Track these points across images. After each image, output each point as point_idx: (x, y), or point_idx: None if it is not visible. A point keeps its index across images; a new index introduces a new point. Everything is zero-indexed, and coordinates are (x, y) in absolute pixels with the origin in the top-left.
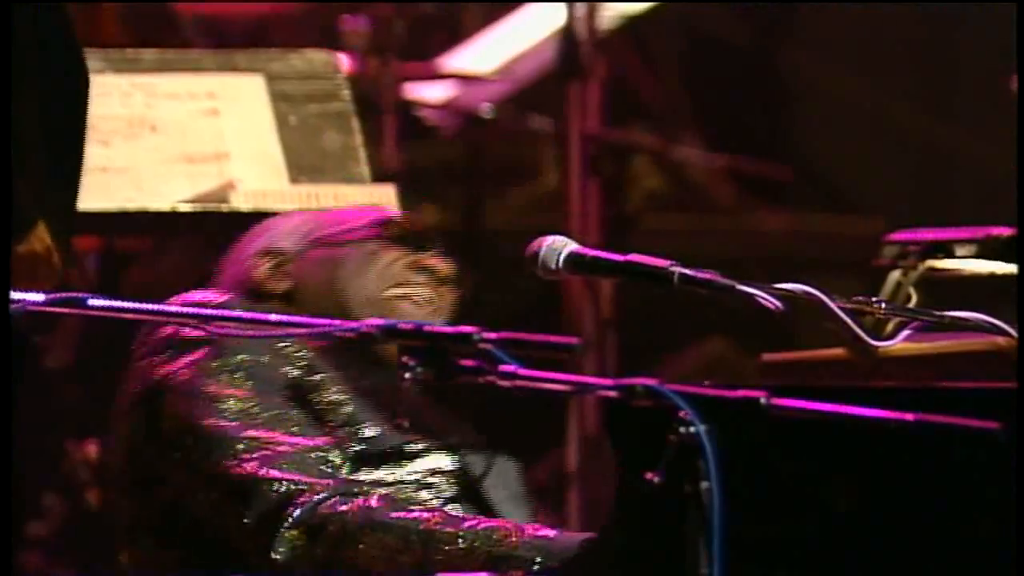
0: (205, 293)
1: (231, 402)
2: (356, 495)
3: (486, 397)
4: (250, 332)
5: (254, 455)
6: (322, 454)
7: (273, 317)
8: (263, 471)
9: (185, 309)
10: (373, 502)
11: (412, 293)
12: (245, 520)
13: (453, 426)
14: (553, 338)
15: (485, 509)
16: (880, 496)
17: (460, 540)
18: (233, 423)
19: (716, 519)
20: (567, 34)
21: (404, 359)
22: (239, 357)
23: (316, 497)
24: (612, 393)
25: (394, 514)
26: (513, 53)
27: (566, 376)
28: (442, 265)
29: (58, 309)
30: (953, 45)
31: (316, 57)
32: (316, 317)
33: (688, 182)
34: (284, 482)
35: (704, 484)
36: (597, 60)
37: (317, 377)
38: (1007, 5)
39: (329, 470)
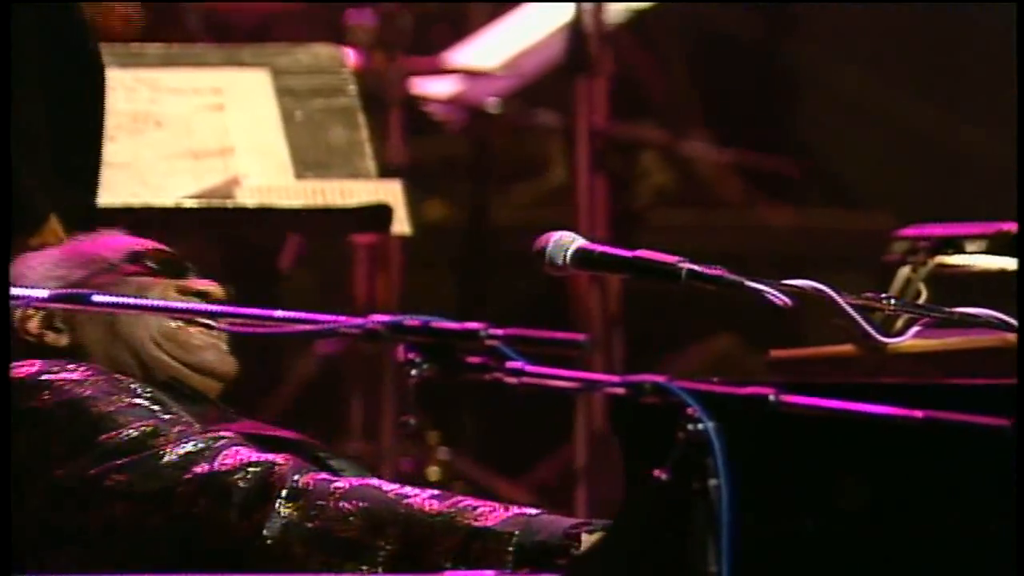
0: None
1: (127, 430)
2: (320, 470)
3: (493, 394)
4: (260, 329)
5: (199, 462)
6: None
7: (279, 313)
8: (217, 466)
9: (189, 305)
10: (344, 483)
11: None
12: (228, 515)
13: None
14: (560, 335)
15: None
16: (889, 493)
17: (441, 514)
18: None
19: (724, 516)
20: (574, 29)
21: (410, 356)
22: (86, 395)
23: (288, 470)
24: (619, 390)
25: (376, 486)
26: (520, 48)
27: (573, 373)
28: (211, 286)
29: (62, 305)
30: (961, 40)
31: (322, 52)
32: (106, 366)
33: (696, 177)
34: (246, 467)
35: (712, 481)
36: (604, 55)
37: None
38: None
39: (264, 453)
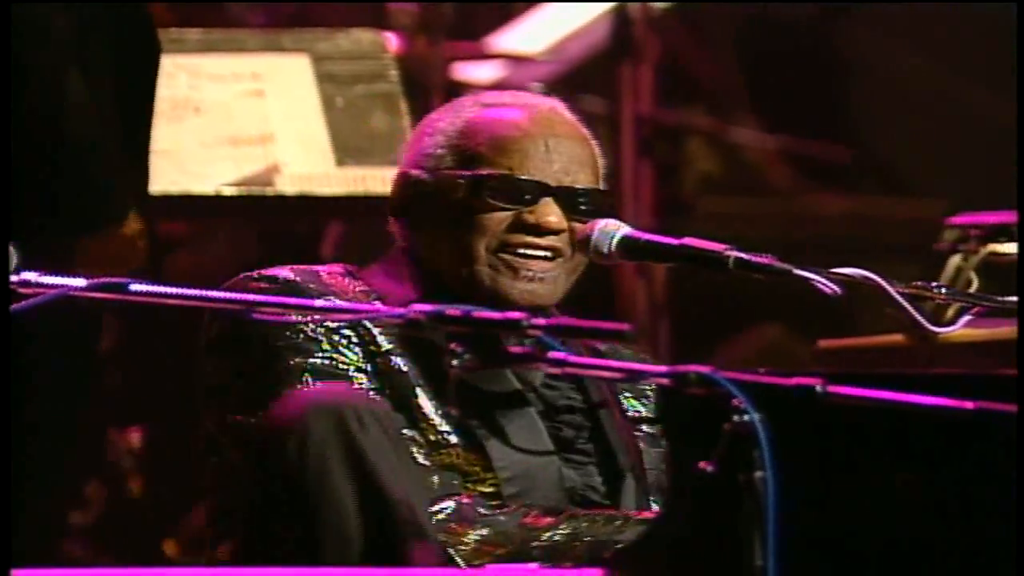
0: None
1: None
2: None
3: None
4: (301, 319)
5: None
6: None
7: (319, 303)
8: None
9: (228, 295)
10: (464, 499)
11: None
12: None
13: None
14: (605, 324)
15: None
16: (940, 486)
17: (558, 528)
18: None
19: (771, 509)
20: (619, 13)
21: (452, 345)
22: (307, 362)
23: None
24: (665, 380)
25: (485, 512)
26: (564, 33)
27: (617, 363)
28: (552, 220)
29: (100, 295)
30: (1016, 23)
31: (363, 37)
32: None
33: (744, 164)
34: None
35: (759, 474)
36: (650, 39)
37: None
38: None
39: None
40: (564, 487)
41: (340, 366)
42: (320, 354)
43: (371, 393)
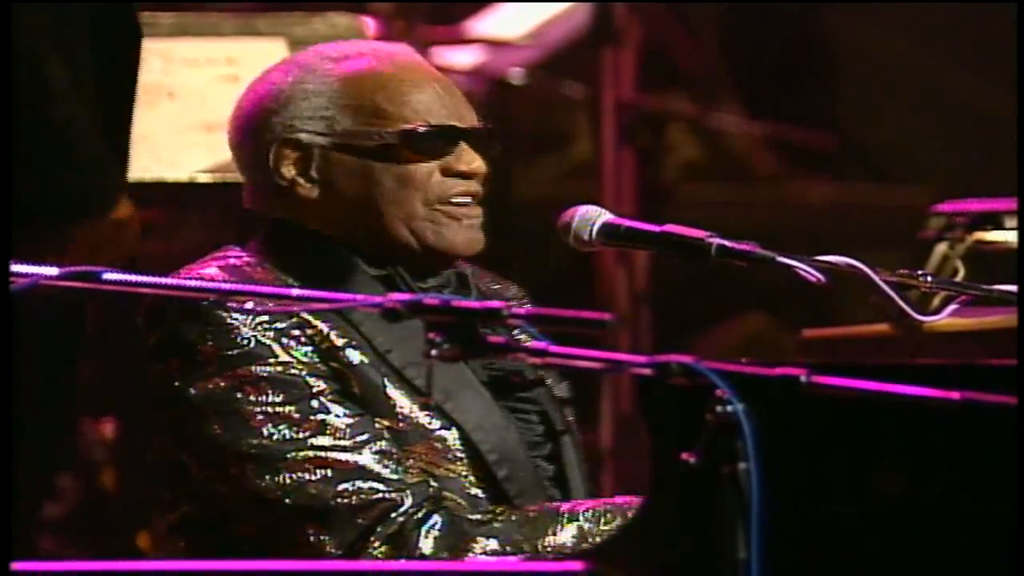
0: (226, 254)
1: (267, 420)
2: (435, 499)
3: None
4: (277, 308)
5: (315, 475)
6: (377, 446)
7: (295, 292)
8: (333, 493)
9: (202, 284)
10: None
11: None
12: (328, 546)
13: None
14: (585, 314)
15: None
16: (925, 477)
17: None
18: (276, 443)
19: (754, 501)
20: None
21: (430, 335)
22: (261, 370)
23: (399, 511)
24: (647, 371)
25: (485, 521)
26: (544, 17)
27: (599, 353)
28: (476, 165)
29: (72, 283)
30: (1002, 7)
31: (340, 21)
32: (349, 227)
33: (726, 151)
34: (363, 503)
35: (742, 465)
36: (631, 24)
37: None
38: None
39: (396, 471)
40: (533, 463)
41: (293, 371)
42: (272, 360)
43: (331, 395)
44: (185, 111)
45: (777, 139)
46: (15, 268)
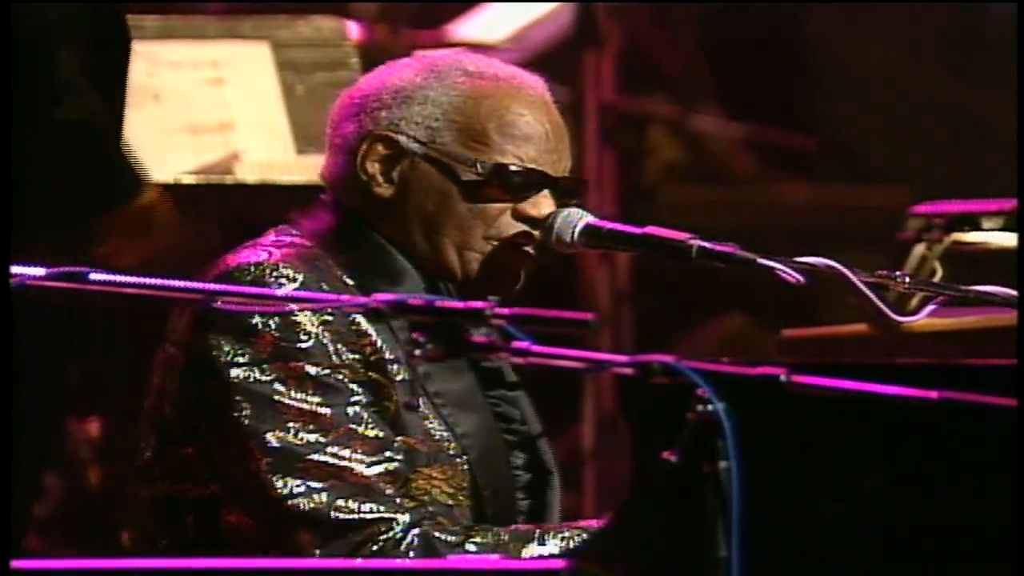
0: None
1: (299, 418)
2: (434, 528)
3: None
4: (262, 307)
5: (324, 484)
6: (392, 466)
7: (280, 293)
8: (335, 506)
9: (190, 284)
10: (451, 538)
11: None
12: (316, 550)
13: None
14: (567, 314)
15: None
16: (903, 475)
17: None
18: (300, 443)
19: (734, 499)
20: (582, 0)
21: (414, 335)
22: (311, 369)
23: (387, 535)
24: (628, 370)
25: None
26: (526, 20)
27: (581, 353)
28: (548, 210)
29: (58, 284)
30: (981, 11)
31: (324, 24)
32: (406, 236)
33: (707, 153)
34: (361, 523)
35: (722, 463)
36: (613, 27)
37: (389, 357)
38: None
39: (400, 495)
40: (515, 476)
41: (339, 375)
42: (325, 361)
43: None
44: (170, 113)
45: (756, 141)
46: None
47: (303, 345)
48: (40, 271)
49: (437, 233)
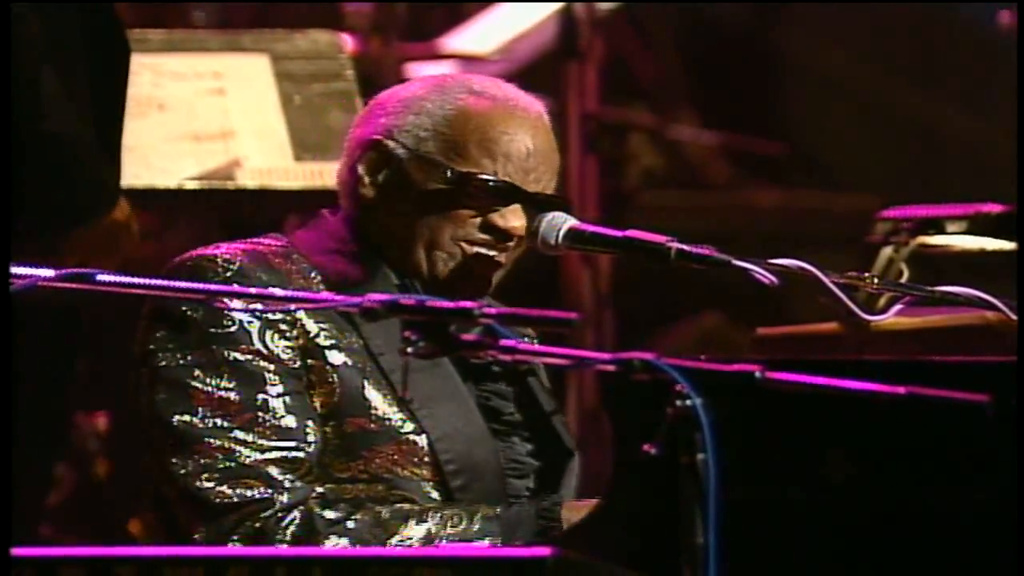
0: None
1: (207, 403)
2: (317, 506)
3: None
4: (259, 307)
5: (215, 466)
6: (291, 455)
7: (278, 292)
8: (218, 489)
9: (190, 284)
10: (329, 514)
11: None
12: (198, 535)
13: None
14: (551, 313)
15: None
16: (873, 467)
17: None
18: (202, 426)
19: (712, 489)
20: (566, 15)
21: (406, 333)
22: (230, 355)
23: (266, 513)
24: (610, 367)
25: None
26: (513, 33)
27: (564, 350)
28: (518, 224)
29: (67, 284)
30: (944, 22)
31: (320, 38)
32: (384, 239)
33: (684, 160)
34: (239, 504)
35: (700, 455)
36: (595, 40)
37: (326, 342)
38: None
39: (290, 479)
40: (503, 472)
41: (259, 362)
42: (245, 347)
43: (284, 395)
44: (174, 122)
45: (730, 148)
46: (14, 270)
47: (226, 331)
48: (51, 272)
49: (408, 231)
